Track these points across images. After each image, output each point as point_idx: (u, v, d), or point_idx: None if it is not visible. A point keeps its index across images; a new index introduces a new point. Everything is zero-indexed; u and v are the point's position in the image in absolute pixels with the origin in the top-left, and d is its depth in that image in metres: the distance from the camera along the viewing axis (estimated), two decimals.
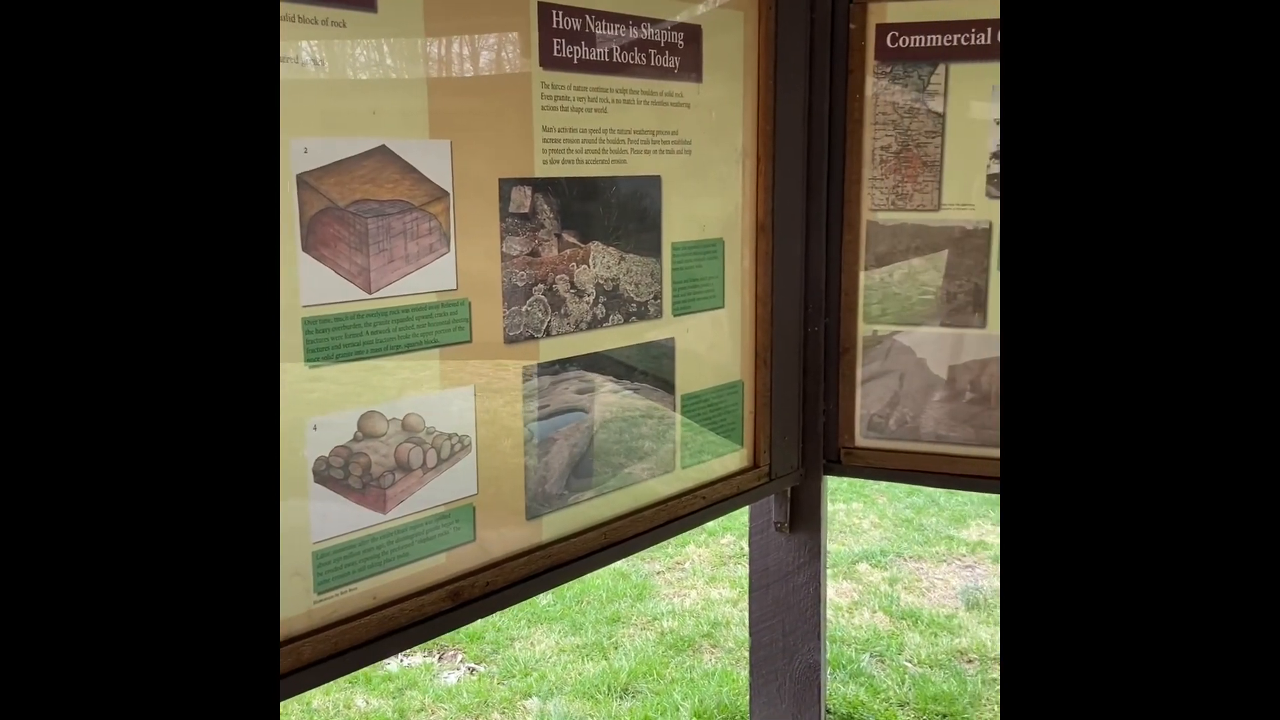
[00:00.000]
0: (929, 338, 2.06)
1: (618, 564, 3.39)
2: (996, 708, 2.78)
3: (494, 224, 1.46)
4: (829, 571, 3.64)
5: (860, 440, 2.13)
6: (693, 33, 1.75)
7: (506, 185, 1.48)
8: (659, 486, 1.81)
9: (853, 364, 2.10)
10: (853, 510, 4.34)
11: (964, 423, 2.07)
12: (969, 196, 1.98)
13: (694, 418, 1.88)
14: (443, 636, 2.58)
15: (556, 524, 1.63)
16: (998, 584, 3.50)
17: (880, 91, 2.00)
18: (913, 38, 1.95)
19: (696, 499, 1.86)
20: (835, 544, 3.91)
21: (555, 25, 1.52)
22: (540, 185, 1.53)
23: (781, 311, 2.00)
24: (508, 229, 1.49)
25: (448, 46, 1.39)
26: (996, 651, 3.03)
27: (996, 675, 2.93)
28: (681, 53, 1.74)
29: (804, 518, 2.15)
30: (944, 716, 2.69)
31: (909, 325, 2.08)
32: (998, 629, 3.14)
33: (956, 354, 2.06)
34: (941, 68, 1.95)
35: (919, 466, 2.11)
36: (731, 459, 1.97)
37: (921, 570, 3.67)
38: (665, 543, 3.75)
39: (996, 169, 1.95)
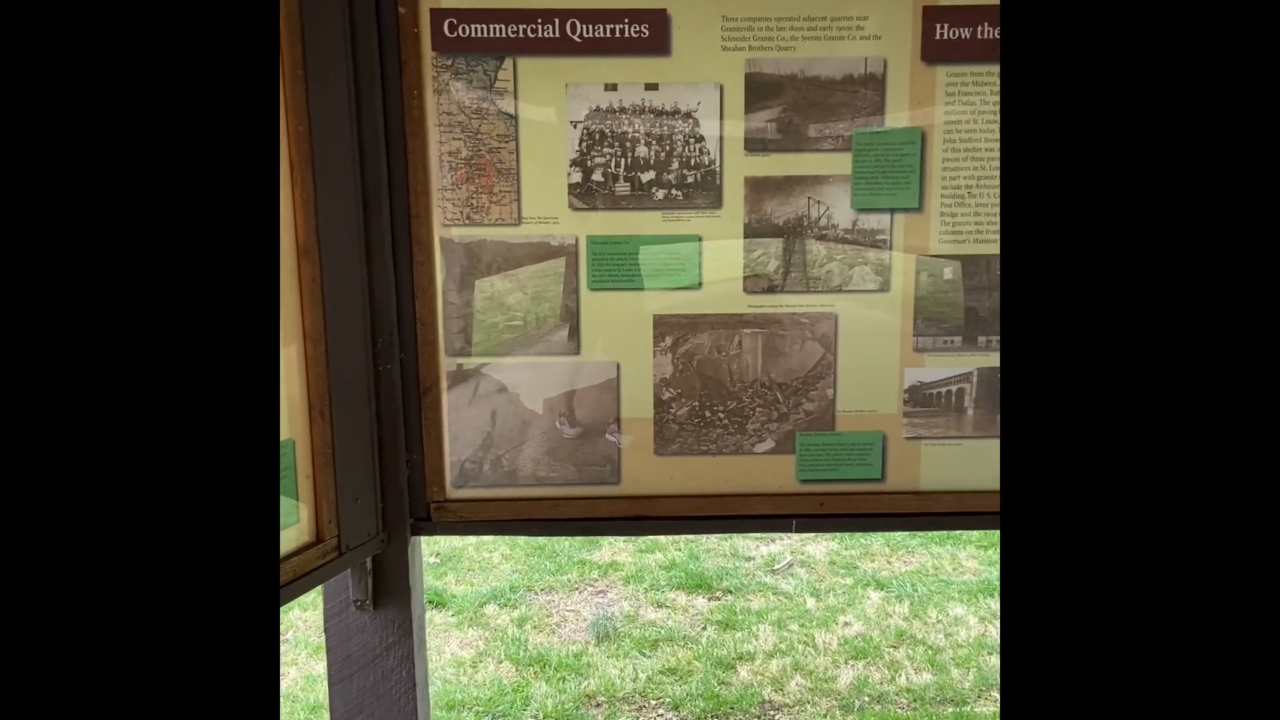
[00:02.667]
0: (521, 369, 1.82)
1: None
2: None
3: None
4: (453, 620, 3.32)
5: (452, 492, 1.84)
6: None
7: None
8: None
9: (437, 405, 1.81)
10: (483, 543, 4.07)
11: (565, 461, 1.85)
12: (552, 209, 1.76)
13: None
14: None
15: None
16: (629, 609, 3.40)
17: (443, 88, 1.72)
18: (474, 26, 1.70)
19: None
20: (463, 585, 3.62)
21: None
22: None
23: (340, 350, 1.66)
24: None
25: None
26: (624, 690, 2.89)
27: (623, 716, 2.78)
28: None
29: (390, 590, 1.82)
30: None
31: (497, 356, 1.82)
32: (626, 662, 3.00)
33: (552, 384, 1.83)
34: (509, 62, 1.71)
35: (521, 515, 1.86)
36: (287, 535, 1.60)
37: (553, 603, 3.48)
38: None
39: (578, 177, 1.75)
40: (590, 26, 1.71)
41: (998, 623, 3.20)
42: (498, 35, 1.70)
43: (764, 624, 3.20)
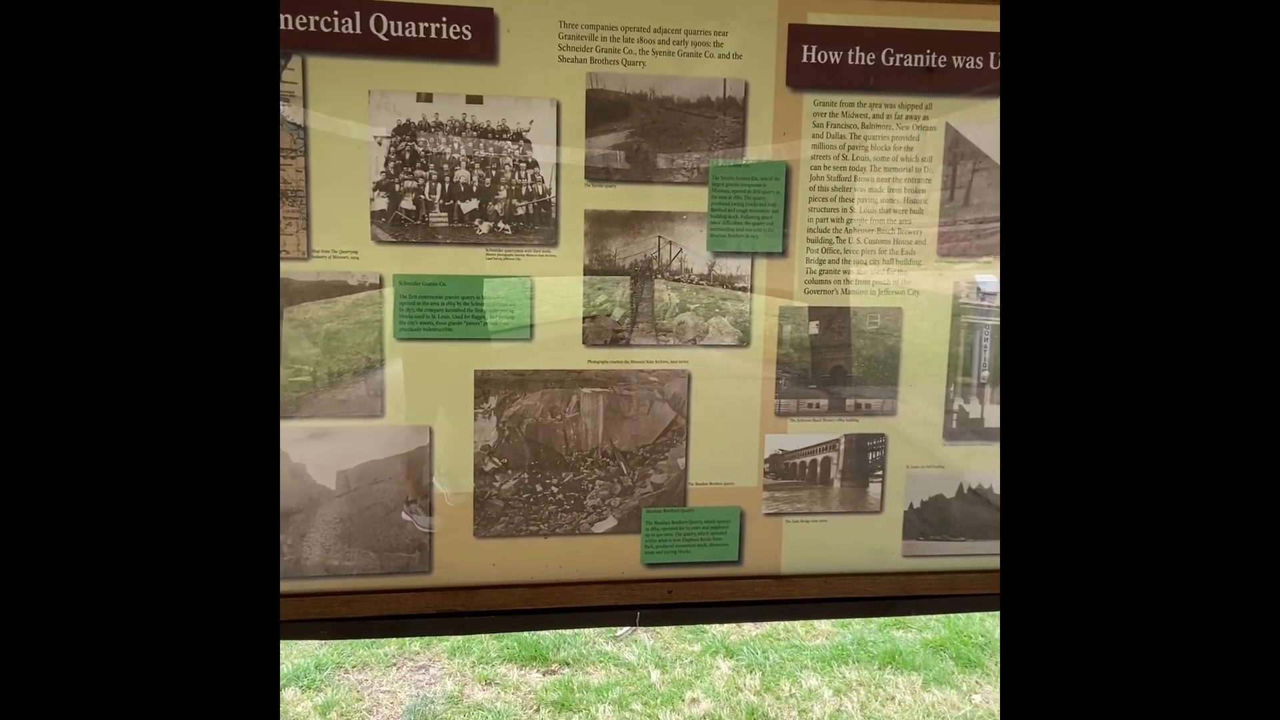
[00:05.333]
0: (307, 435, 1.48)
1: None
2: None
3: None
4: None
5: None
6: None
7: None
8: None
9: None
10: None
11: (362, 547, 1.52)
12: (350, 241, 1.44)
13: None
14: None
15: None
16: (452, 688, 3.03)
17: None
18: None
19: None
20: None
21: None
22: None
23: None
24: None
25: None
26: None
27: None
28: None
29: None
30: None
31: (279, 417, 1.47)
32: None
33: (347, 453, 1.50)
34: (297, 60, 1.39)
35: (307, 614, 1.51)
36: None
37: (365, 684, 3.07)
38: None
39: (384, 204, 1.44)
40: (400, 23, 1.41)
41: (853, 695, 3.01)
42: (284, 26, 1.38)
43: (604, 703, 2.91)
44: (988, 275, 1.66)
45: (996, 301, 1.66)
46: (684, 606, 1.62)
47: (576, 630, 3.33)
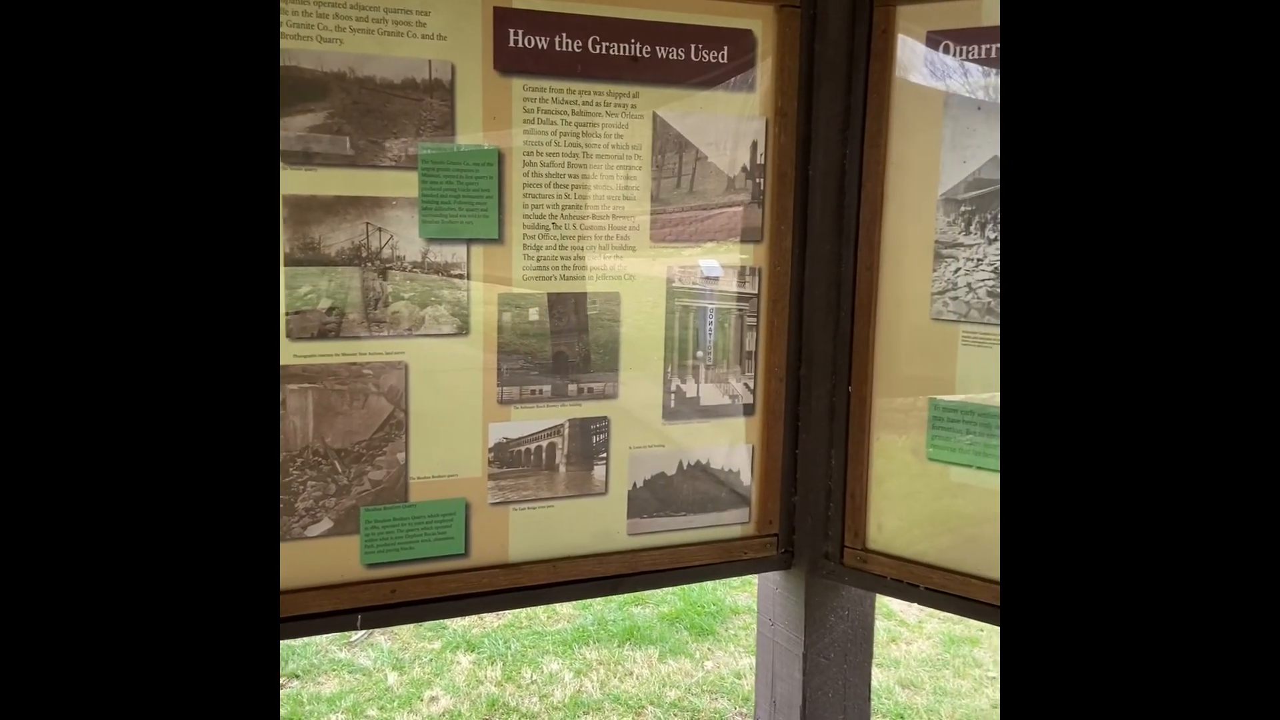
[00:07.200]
0: None
1: None
2: None
3: None
4: None
5: None
6: None
7: None
8: None
9: None
10: None
11: None
12: None
13: None
14: None
15: None
16: None
17: None
18: None
19: None
20: None
21: None
22: None
23: None
24: None
25: None
26: None
27: None
28: None
29: None
30: None
31: None
32: None
33: None
34: None
35: None
36: None
37: None
38: None
39: None
40: None
41: (593, 675, 3.07)
42: None
43: (336, 712, 2.78)
44: (710, 260, 1.72)
45: (717, 286, 1.73)
46: (409, 605, 1.57)
47: (306, 640, 3.17)
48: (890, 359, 1.72)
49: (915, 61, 1.64)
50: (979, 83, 1.59)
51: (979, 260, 1.61)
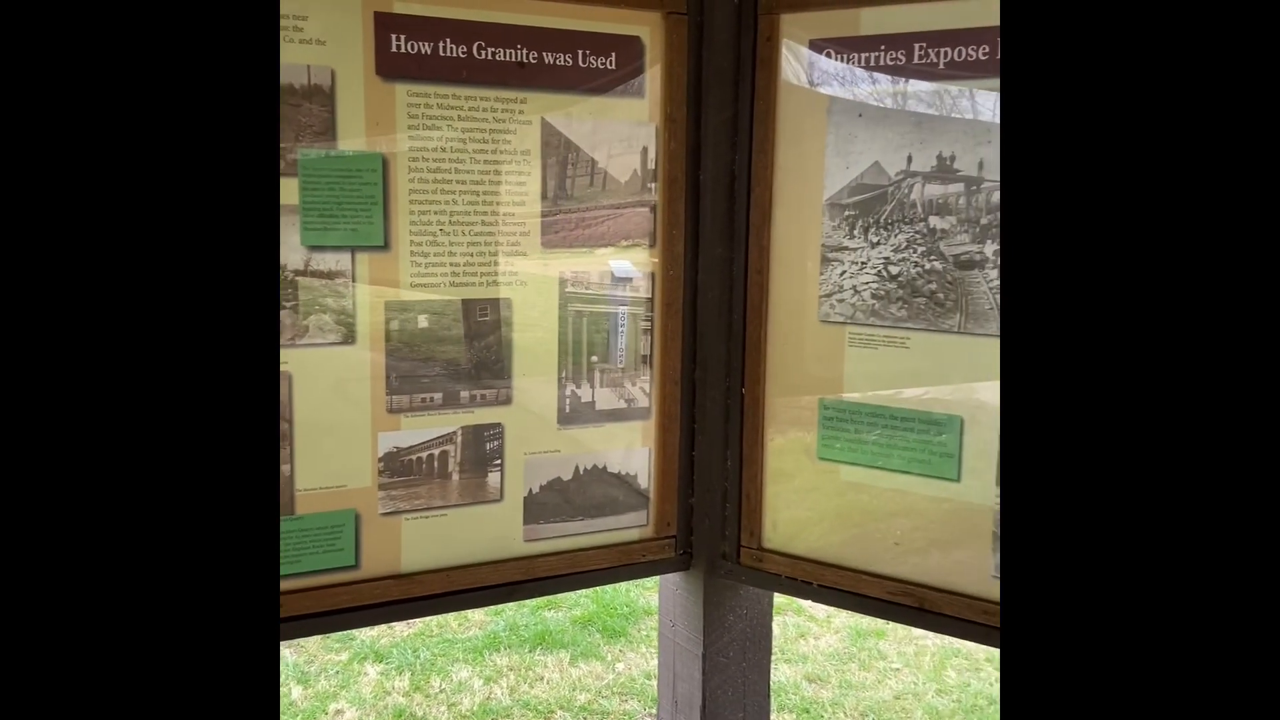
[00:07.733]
0: None
1: None
2: None
3: None
4: None
5: None
6: None
7: None
8: None
9: None
10: None
11: None
12: None
13: None
14: None
15: None
16: None
17: None
18: None
19: None
20: None
21: None
22: None
23: None
24: None
25: None
26: None
27: None
28: None
29: None
30: None
31: None
32: None
33: None
34: None
35: None
36: None
37: None
38: None
39: None
40: None
41: (504, 682, 3.05)
42: None
43: None
44: (622, 260, 1.73)
45: (612, 290, 1.73)
46: (296, 619, 1.54)
47: None
48: (782, 361, 1.75)
49: (800, 69, 1.67)
50: (861, 90, 1.63)
51: (863, 263, 1.65)
